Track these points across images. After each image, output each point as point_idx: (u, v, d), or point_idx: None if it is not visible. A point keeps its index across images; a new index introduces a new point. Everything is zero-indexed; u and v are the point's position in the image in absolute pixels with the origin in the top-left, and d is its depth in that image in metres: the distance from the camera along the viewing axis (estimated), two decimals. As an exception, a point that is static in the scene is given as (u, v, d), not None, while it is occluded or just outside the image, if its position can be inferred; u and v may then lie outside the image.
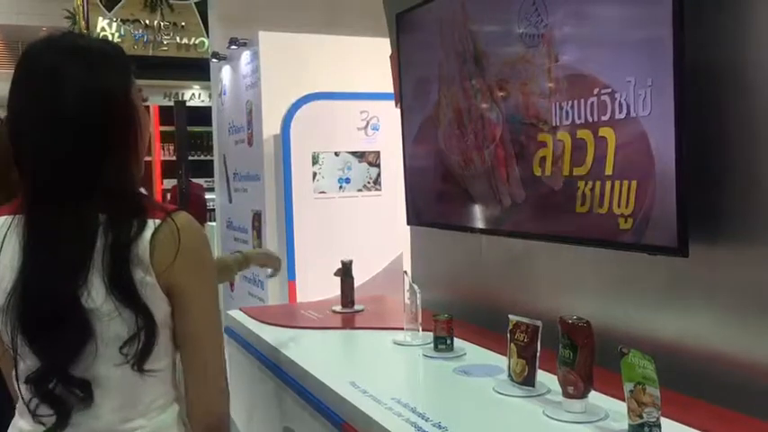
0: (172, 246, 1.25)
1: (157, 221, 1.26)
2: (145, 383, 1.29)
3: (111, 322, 1.23)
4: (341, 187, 4.63)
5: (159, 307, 1.27)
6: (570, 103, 2.09)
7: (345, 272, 2.99)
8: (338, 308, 3.01)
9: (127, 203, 1.27)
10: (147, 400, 1.31)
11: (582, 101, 2.04)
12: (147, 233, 1.24)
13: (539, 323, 1.87)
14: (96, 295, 1.22)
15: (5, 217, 1.31)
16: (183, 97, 9.95)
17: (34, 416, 1.28)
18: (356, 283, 3.05)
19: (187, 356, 1.33)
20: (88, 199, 1.24)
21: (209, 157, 7.98)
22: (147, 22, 9.26)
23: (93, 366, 1.25)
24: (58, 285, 1.22)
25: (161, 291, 1.26)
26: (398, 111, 3.12)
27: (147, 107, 1.63)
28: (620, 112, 1.91)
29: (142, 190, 1.39)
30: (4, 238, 1.28)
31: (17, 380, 1.32)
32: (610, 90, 1.94)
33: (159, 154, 9.42)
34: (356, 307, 2.99)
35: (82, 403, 1.26)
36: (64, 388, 1.24)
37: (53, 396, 1.25)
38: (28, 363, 1.27)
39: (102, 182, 1.25)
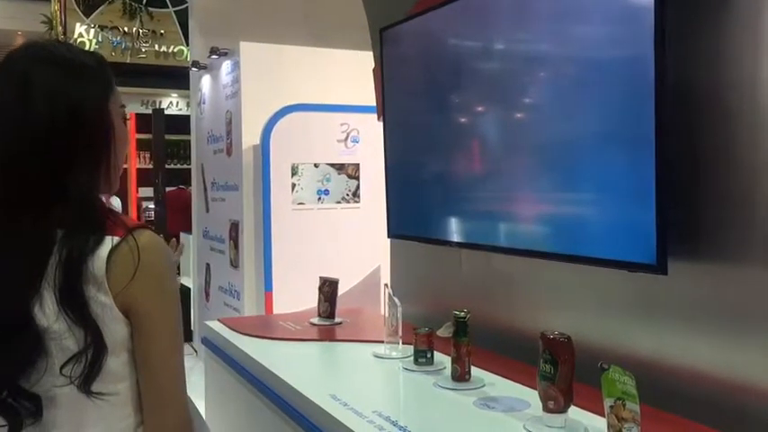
0: (130, 264, 1.21)
1: (116, 239, 1.22)
2: (97, 406, 1.23)
3: (64, 341, 1.20)
4: (320, 199, 4.64)
5: (114, 328, 1.22)
6: (550, 120, 2.12)
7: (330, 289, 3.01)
8: (316, 319, 3.00)
9: (86, 218, 1.23)
10: (102, 424, 1.25)
11: (562, 118, 2.07)
12: (104, 250, 1.21)
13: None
14: (49, 312, 1.19)
15: None
16: (160, 105, 9.88)
17: None
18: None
19: (143, 381, 1.26)
20: (46, 211, 1.21)
21: (185, 166, 7.92)
22: (126, 29, 9.18)
23: (44, 382, 1.22)
24: (9, 299, 1.20)
25: (118, 311, 1.22)
26: (379, 124, 3.13)
27: (125, 119, 1.60)
28: (599, 129, 1.95)
29: (115, 201, 1.32)
30: None
31: None
32: (589, 107, 1.97)
33: (135, 162, 9.36)
34: (335, 319, 2.99)
35: (32, 417, 1.22)
36: (14, 400, 1.22)
37: (5, 406, 1.22)
38: None
39: (65, 195, 1.21)
